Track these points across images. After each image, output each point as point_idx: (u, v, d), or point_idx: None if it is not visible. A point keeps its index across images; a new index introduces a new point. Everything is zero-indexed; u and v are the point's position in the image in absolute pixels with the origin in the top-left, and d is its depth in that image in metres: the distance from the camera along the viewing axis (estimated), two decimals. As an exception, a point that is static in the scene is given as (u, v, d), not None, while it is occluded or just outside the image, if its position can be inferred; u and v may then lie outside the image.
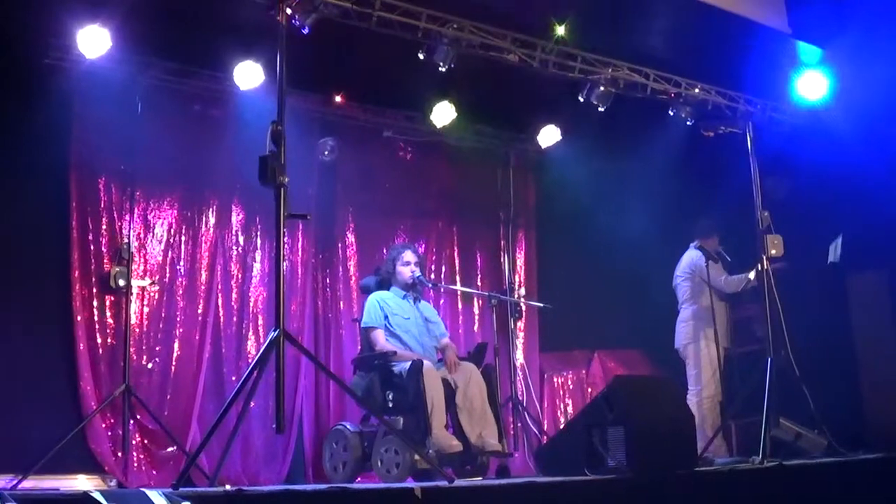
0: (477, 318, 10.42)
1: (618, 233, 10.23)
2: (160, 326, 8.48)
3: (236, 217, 9.05)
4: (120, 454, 7.85)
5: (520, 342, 10.48)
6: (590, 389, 10.54)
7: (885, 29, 8.66)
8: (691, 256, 9.58)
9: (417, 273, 8.25)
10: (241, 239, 9.05)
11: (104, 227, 8.26)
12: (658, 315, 9.80)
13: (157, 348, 8.43)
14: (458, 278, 10.41)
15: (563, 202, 10.58)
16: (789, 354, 7.98)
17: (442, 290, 9.99)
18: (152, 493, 4.13)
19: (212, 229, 8.89)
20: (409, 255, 8.29)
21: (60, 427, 7.41)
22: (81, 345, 7.94)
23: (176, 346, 8.52)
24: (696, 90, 9.32)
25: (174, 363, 8.48)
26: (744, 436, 8.95)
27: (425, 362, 7.48)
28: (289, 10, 6.88)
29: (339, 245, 9.69)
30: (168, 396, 8.39)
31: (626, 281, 10.45)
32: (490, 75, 8.78)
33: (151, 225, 8.59)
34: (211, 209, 8.92)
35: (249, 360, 8.61)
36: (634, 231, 10.10)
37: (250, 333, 8.93)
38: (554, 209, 10.88)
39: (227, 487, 5.65)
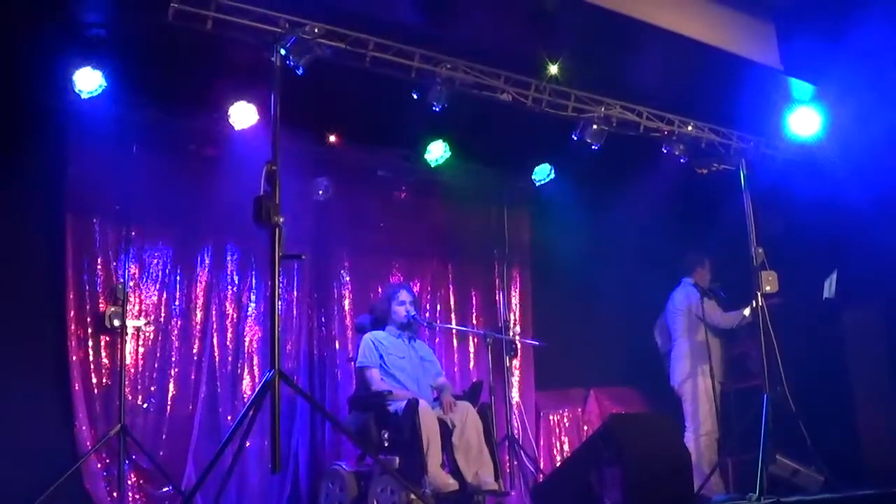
0: (472, 356, 10.40)
1: (613, 270, 10.27)
2: (155, 366, 8.47)
3: (231, 257, 9.06)
4: (115, 494, 7.85)
5: (515, 380, 10.46)
6: (586, 427, 10.51)
7: (877, 64, 8.72)
8: (686, 292, 9.60)
9: (412, 312, 8.28)
10: (236, 279, 9.06)
11: (99, 267, 8.28)
12: (654, 352, 9.81)
13: (153, 388, 8.41)
14: (453, 317, 10.42)
15: (558, 240, 10.59)
16: (785, 390, 8.00)
17: (437, 328, 9.98)
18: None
19: (207, 269, 8.91)
20: (403, 295, 8.33)
21: (55, 467, 7.39)
22: (76, 385, 7.93)
23: (171, 385, 8.51)
24: (690, 128, 9.35)
25: (169, 403, 8.47)
26: (741, 472, 8.93)
27: (421, 401, 7.49)
28: (283, 51, 6.95)
29: (335, 284, 9.69)
30: (163, 436, 8.37)
31: (622, 318, 10.48)
32: (484, 114, 8.82)
33: (146, 265, 8.60)
34: (206, 249, 8.94)
35: (245, 400, 8.63)
36: (630, 268, 10.14)
37: (245, 373, 8.92)
38: (549, 247, 10.87)
39: (223, 528, 5.66)
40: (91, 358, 8.11)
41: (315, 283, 9.57)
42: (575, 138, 9.06)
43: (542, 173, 10.38)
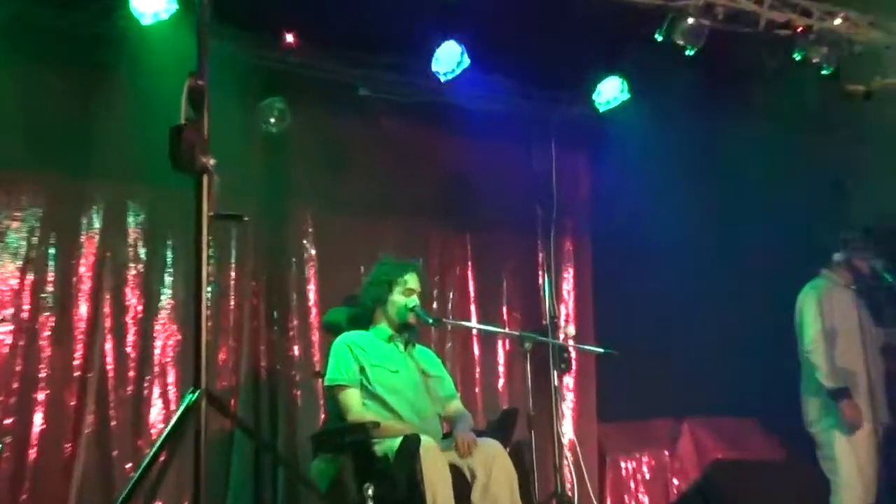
0: (502, 370, 10.43)
1: (716, 239, 10.19)
2: (14, 387, 8.35)
3: (133, 219, 9.00)
4: None
5: (568, 407, 10.45)
6: (676, 481, 10.51)
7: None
8: (807, 289, 9.47)
9: (419, 308, 8.12)
10: (140, 252, 9.01)
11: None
12: (784, 364, 9.66)
13: (7, 421, 8.30)
14: (473, 309, 10.39)
15: (632, 195, 10.51)
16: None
17: (448, 328, 9.91)
18: None
19: (96, 238, 8.83)
20: (411, 280, 8.14)
21: None
22: None
23: (38, 417, 8.41)
24: (838, 21, 9.22)
25: (35, 443, 8.36)
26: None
27: (423, 438, 7.37)
28: None
29: (294, 261, 9.68)
30: (24, 496, 8.26)
31: (731, 313, 10.39)
32: (518, 5, 8.70)
33: (1, 229, 8.50)
34: (94, 208, 8.87)
35: (154, 438, 8.55)
36: (742, 236, 10.06)
37: (155, 396, 8.88)
38: (618, 205, 10.82)
39: None
40: None
41: (264, 259, 9.56)
42: (660, 39, 8.95)
43: (609, 93, 10.26)
